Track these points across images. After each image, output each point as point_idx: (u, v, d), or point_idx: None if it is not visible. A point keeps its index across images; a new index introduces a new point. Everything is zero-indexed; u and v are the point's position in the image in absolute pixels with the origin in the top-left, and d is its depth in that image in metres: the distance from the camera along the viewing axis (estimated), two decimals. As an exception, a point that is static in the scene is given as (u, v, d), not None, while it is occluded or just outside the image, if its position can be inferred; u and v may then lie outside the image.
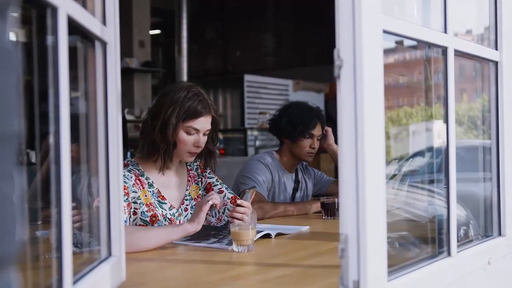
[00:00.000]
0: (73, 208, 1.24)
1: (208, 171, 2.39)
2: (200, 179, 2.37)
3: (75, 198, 1.07)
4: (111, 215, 1.34)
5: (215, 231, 2.09)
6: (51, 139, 0.98)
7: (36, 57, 1.04)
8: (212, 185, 2.36)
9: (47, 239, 1.41)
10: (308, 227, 2.33)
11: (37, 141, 1.05)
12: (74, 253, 1.04)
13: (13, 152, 0.57)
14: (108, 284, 1.28)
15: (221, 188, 2.35)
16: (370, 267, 1.14)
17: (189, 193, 2.30)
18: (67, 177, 1.00)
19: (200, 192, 2.34)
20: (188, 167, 2.36)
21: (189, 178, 2.33)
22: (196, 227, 1.90)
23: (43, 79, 1.00)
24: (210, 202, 1.93)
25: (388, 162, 1.25)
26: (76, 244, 1.29)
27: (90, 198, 1.44)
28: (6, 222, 0.55)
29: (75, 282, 1.07)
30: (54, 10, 0.97)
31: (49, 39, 0.99)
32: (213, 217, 2.30)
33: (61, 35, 0.98)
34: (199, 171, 2.37)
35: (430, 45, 1.51)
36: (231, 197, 2.31)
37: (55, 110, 0.98)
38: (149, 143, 2.15)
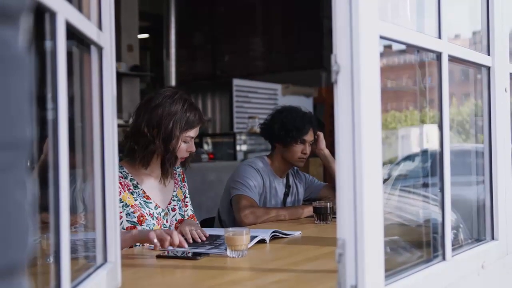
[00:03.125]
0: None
1: (184, 183, 2.48)
2: (182, 184, 2.46)
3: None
4: (107, 221, 1.34)
5: (210, 240, 2.08)
6: (50, 145, 0.97)
7: (32, 61, 1.03)
8: (185, 196, 2.46)
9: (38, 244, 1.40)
10: (300, 232, 2.33)
11: (34, 147, 1.04)
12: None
13: (25, 159, 0.57)
14: (104, 290, 1.27)
15: (188, 202, 2.46)
16: (368, 271, 1.14)
17: (176, 194, 2.38)
18: (65, 183, 0.99)
19: (183, 196, 2.43)
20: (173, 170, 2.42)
21: (176, 181, 2.41)
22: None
23: (40, 83, 0.99)
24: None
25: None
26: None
27: (82, 203, 1.44)
28: (20, 229, 0.55)
29: (72, 288, 1.06)
30: (53, 15, 0.96)
31: (47, 44, 0.98)
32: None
33: (60, 40, 0.98)
34: (181, 177, 2.46)
35: (425, 50, 1.52)
36: (190, 215, 2.41)
37: (54, 115, 0.97)
38: (149, 153, 2.21)
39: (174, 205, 2.35)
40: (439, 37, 1.48)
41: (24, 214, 0.55)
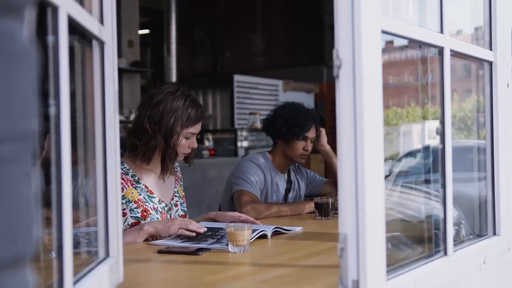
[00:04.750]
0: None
1: (181, 182, 2.50)
2: (182, 183, 2.49)
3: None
4: (109, 216, 1.34)
5: (211, 232, 2.08)
6: (52, 140, 0.97)
7: (38, 54, 1.03)
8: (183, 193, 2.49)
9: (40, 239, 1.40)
10: (301, 227, 2.33)
11: (37, 141, 1.05)
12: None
13: (30, 151, 0.57)
14: (106, 284, 1.27)
15: (183, 202, 2.46)
16: (370, 266, 1.14)
17: (177, 190, 2.41)
18: (68, 178, 0.99)
19: (182, 193, 2.45)
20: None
21: (176, 177, 2.44)
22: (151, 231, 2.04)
23: (42, 78, 0.99)
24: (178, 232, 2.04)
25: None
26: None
27: (83, 198, 1.44)
28: (25, 221, 0.55)
29: (74, 283, 1.06)
30: (55, 9, 0.96)
31: (50, 38, 0.98)
32: None
33: (62, 35, 0.98)
34: (180, 176, 2.48)
35: (427, 45, 1.52)
36: (181, 215, 2.40)
37: (56, 110, 0.97)
38: (151, 149, 2.22)
39: (176, 201, 2.38)
40: (441, 31, 1.48)
41: (29, 206, 0.56)
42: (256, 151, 5.89)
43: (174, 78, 8.73)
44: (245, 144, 7.43)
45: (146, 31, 10.27)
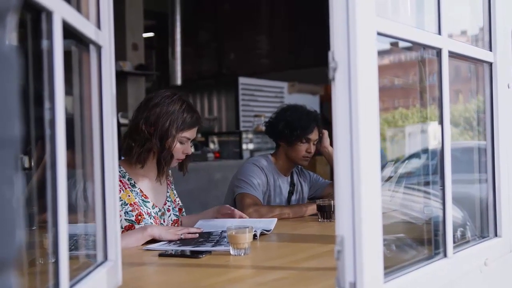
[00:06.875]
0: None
1: (172, 185, 2.51)
2: (173, 186, 2.50)
3: (70, 203, 1.06)
4: (107, 220, 1.34)
5: (203, 238, 2.09)
6: (47, 144, 0.98)
7: (30, 61, 1.04)
8: (175, 200, 2.49)
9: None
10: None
11: (32, 146, 1.05)
12: (69, 257, 1.04)
13: (13, 156, 0.57)
14: (104, 288, 1.27)
15: (174, 206, 2.46)
16: (367, 268, 1.14)
17: (169, 195, 2.43)
18: (63, 182, 0.99)
19: (175, 197, 2.47)
20: None
21: (168, 182, 2.46)
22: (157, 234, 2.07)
23: (37, 83, 1.00)
24: (182, 236, 2.10)
25: (384, 164, 1.26)
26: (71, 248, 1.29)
27: (86, 203, 1.44)
28: (7, 225, 0.55)
29: (71, 286, 1.07)
30: (49, 14, 0.97)
31: (44, 43, 0.99)
32: None
33: (56, 39, 0.98)
34: (171, 179, 2.50)
35: (424, 46, 1.52)
36: (174, 219, 2.41)
37: (51, 114, 0.98)
38: (146, 151, 2.24)
39: (169, 206, 2.40)
40: (439, 33, 1.48)
41: (12, 211, 0.56)
42: (261, 153, 5.89)
43: (179, 81, 8.74)
44: (250, 146, 7.43)
45: (150, 34, 10.27)
